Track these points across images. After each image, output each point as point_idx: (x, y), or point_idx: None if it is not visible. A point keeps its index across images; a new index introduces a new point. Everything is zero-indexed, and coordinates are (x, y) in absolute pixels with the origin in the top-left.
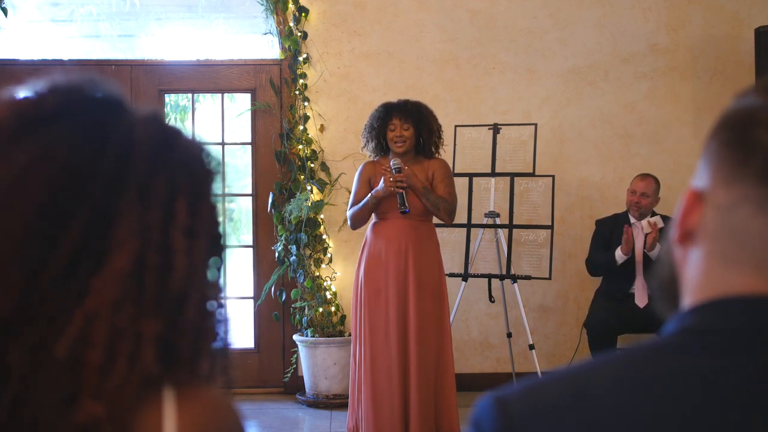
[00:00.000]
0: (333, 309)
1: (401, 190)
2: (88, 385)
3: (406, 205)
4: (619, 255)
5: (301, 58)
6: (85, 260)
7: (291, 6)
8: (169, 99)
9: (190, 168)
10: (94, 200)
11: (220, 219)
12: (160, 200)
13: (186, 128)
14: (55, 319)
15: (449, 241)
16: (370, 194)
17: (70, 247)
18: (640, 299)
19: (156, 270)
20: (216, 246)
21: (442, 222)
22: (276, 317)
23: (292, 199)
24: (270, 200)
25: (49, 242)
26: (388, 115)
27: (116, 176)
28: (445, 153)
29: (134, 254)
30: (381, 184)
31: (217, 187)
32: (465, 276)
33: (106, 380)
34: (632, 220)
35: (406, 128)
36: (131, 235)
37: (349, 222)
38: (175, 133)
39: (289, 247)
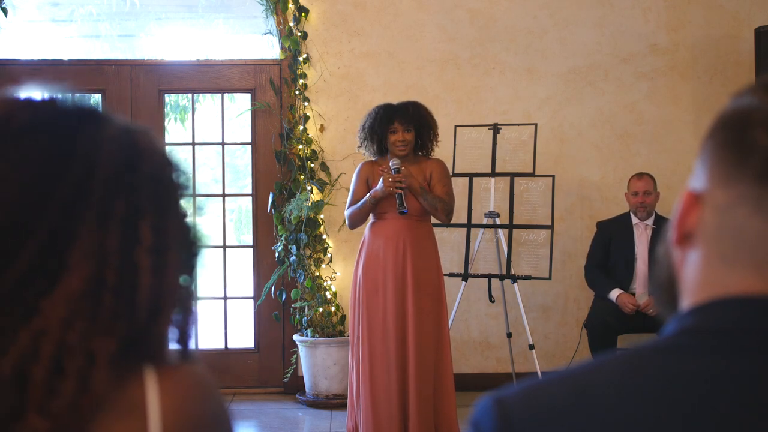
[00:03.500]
0: (333, 309)
1: (400, 191)
2: (33, 401)
3: (405, 205)
4: (614, 296)
5: (301, 58)
6: (37, 280)
7: (291, 6)
8: (169, 99)
9: (156, 187)
10: (52, 222)
11: (190, 227)
12: (120, 223)
13: (156, 139)
14: (3, 336)
15: (449, 240)
16: (368, 194)
17: (23, 267)
18: (641, 299)
19: (115, 290)
20: (189, 253)
21: (440, 222)
22: (276, 317)
23: (292, 199)
24: (270, 200)
25: (4, 261)
26: (390, 118)
27: (76, 199)
28: (443, 151)
29: (88, 276)
30: (380, 184)
31: (183, 200)
32: (465, 276)
33: (53, 397)
34: (635, 221)
35: (408, 131)
36: (86, 258)
37: (347, 222)
38: (143, 151)
39: (289, 247)
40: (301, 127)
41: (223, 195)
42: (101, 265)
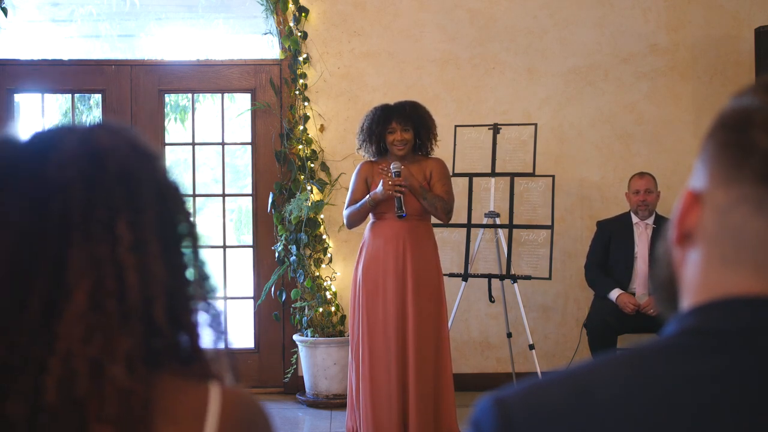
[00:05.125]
0: (333, 309)
1: (399, 194)
2: (90, 413)
3: (404, 209)
4: (614, 295)
5: (301, 58)
6: (51, 310)
7: (291, 6)
8: (169, 99)
9: (126, 181)
10: (49, 256)
11: (176, 208)
12: (103, 230)
13: (119, 128)
14: (39, 368)
15: (449, 241)
16: (368, 196)
17: (38, 305)
18: (641, 299)
19: (114, 294)
20: (182, 235)
21: (440, 221)
22: (276, 317)
23: (292, 199)
24: (270, 200)
25: (19, 306)
26: (387, 118)
27: (62, 225)
28: (443, 151)
29: (90, 290)
30: (380, 186)
31: (159, 176)
32: (465, 276)
33: (104, 405)
34: (635, 220)
35: (406, 131)
36: (84, 273)
37: (345, 221)
38: (105, 152)
39: (289, 247)
40: (301, 127)
41: (223, 195)
42: (99, 276)
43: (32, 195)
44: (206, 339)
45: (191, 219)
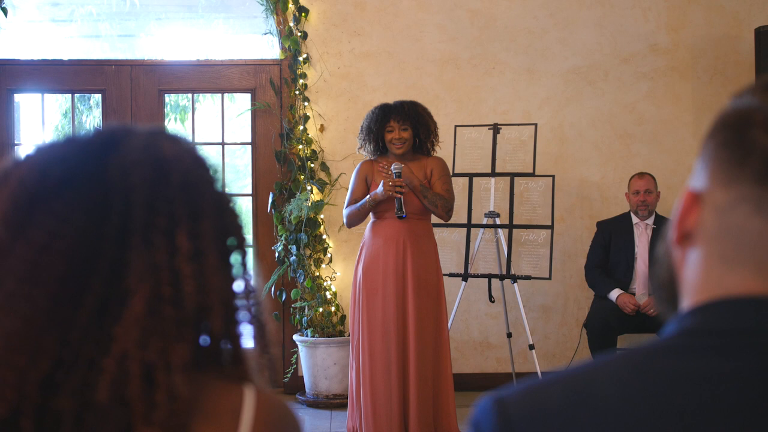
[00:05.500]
0: (333, 309)
1: (400, 195)
2: (137, 416)
3: (404, 211)
4: (614, 296)
5: (301, 58)
6: (108, 311)
7: (291, 6)
8: (169, 99)
9: (188, 192)
10: (107, 257)
11: (231, 220)
12: (163, 238)
13: (179, 137)
14: (92, 366)
15: (449, 240)
16: (368, 196)
17: (93, 304)
18: (641, 299)
19: (171, 301)
20: (233, 247)
21: (440, 219)
22: (276, 317)
23: (292, 199)
24: (270, 200)
25: (75, 304)
26: (385, 117)
27: (121, 230)
28: (443, 151)
29: (148, 295)
30: (380, 187)
31: (218, 193)
32: (465, 276)
33: (153, 409)
34: (635, 220)
35: (404, 129)
36: (143, 279)
37: (345, 220)
38: (169, 161)
39: (289, 247)
40: (301, 127)
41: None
42: (157, 283)
43: (93, 196)
44: (249, 349)
45: (243, 232)
